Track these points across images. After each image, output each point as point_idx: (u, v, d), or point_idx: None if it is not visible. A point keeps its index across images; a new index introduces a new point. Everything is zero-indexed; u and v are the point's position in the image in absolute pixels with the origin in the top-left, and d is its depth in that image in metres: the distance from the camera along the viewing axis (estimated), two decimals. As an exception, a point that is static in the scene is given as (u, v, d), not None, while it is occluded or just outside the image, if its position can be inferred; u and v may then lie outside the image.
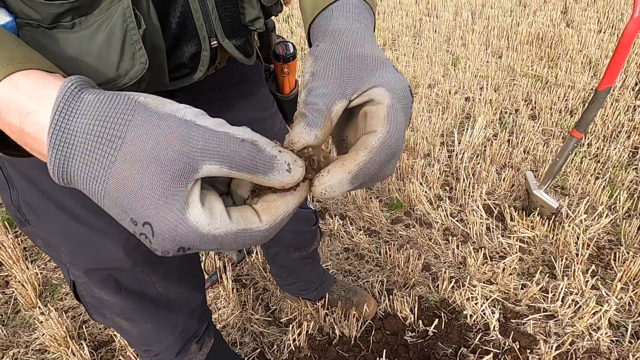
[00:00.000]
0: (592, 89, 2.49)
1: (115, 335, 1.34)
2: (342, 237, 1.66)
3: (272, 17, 0.60)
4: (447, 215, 1.72)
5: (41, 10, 0.38)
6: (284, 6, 0.57)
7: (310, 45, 0.43)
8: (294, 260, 1.16)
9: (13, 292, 1.52)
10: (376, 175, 0.33)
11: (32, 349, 1.34)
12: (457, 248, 1.56)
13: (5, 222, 1.77)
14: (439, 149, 2.09)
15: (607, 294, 1.37)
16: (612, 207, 1.71)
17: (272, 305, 1.43)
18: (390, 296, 1.41)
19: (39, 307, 1.42)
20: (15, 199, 0.58)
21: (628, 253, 1.50)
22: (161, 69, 0.46)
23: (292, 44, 0.65)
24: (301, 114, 0.34)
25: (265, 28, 0.59)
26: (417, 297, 1.40)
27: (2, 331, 1.37)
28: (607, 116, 2.22)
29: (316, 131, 0.33)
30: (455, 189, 1.85)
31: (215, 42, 0.50)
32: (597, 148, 2.02)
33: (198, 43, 0.50)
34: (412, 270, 1.49)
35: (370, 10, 0.42)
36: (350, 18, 0.39)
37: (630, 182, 1.80)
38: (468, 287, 1.42)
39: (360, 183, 0.33)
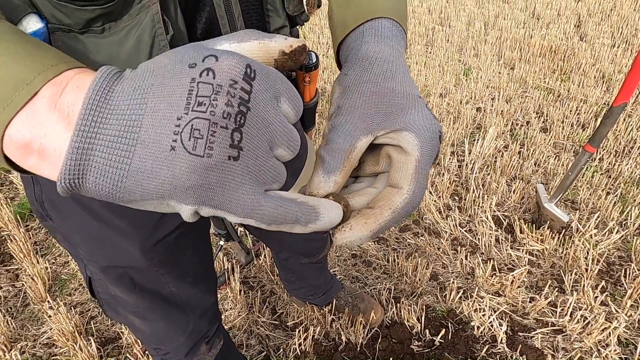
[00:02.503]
0: (605, 103, 2.48)
1: (122, 332, 1.35)
2: (350, 243, 1.66)
3: (297, 27, 0.61)
4: (456, 225, 1.71)
5: (73, 16, 0.38)
6: (309, 16, 0.57)
7: (339, 65, 0.43)
8: (303, 265, 1.16)
9: (23, 285, 1.54)
10: (392, 227, 0.34)
11: (40, 343, 1.35)
12: (466, 258, 1.56)
13: (17, 216, 1.79)
14: (449, 159, 2.08)
15: (616, 311, 1.36)
16: (623, 223, 1.70)
17: (279, 309, 1.43)
18: (398, 304, 1.40)
19: (48, 302, 1.44)
20: (39, 194, 0.59)
21: (638, 270, 1.49)
22: None
23: (315, 53, 0.66)
24: (321, 157, 0.33)
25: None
26: (424, 306, 1.40)
27: (11, 324, 1.38)
28: (619, 132, 2.21)
29: (335, 177, 0.33)
30: (465, 199, 1.84)
31: None
32: (609, 163, 2.01)
33: None
34: (419, 279, 1.49)
35: (402, 31, 0.41)
36: (382, 43, 0.38)
37: (642, 198, 1.79)
38: (476, 298, 1.42)
39: (375, 237, 0.33)
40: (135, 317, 0.73)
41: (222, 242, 1.44)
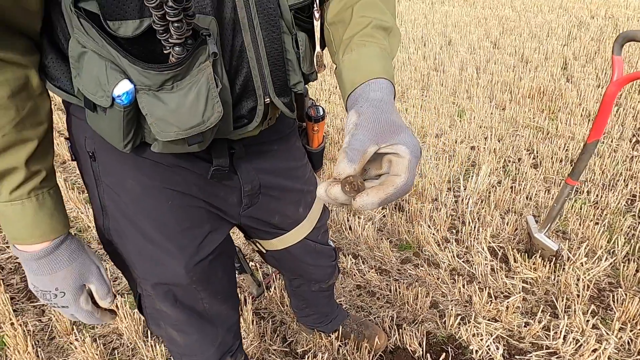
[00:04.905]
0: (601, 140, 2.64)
1: (143, 361, 1.44)
2: (354, 275, 1.77)
3: (309, 82, 0.77)
4: (454, 256, 1.82)
5: (153, 79, 0.53)
6: (318, 74, 0.73)
7: (346, 107, 0.59)
8: (314, 292, 1.27)
9: (49, 320, 1.65)
10: (393, 200, 0.48)
11: (66, 373, 1.44)
12: (463, 287, 1.66)
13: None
14: (446, 194, 2.22)
15: (606, 333, 1.45)
16: (611, 251, 1.80)
17: (289, 337, 1.53)
18: (400, 330, 1.49)
19: (75, 334, 1.54)
20: (107, 225, 0.73)
21: (626, 295, 1.58)
22: (228, 117, 0.62)
23: (322, 107, 0.82)
24: (344, 152, 0.48)
25: (300, 95, 0.75)
26: (425, 332, 1.49)
27: (40, 354, 1.48)
28: (605, 166, 2.35)
29: (355, 165, 0.47)
30: (462, 232, 1.96)
31: (268, 99, 0.66)
32: (596, 195, 2.13)
33: (255, 100, 0.65)
34: (420, 307, 1.59)
35: (391, 85, 0.58)
36: (383, 92, 0.55)
37: (628, 227, 1.90)
38: (474, 323, 1.51)
39: (382, 204, 0.48)
40: (173, 330, 0.85)
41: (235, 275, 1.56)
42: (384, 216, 2.11)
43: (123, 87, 0.52)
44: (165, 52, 0.52)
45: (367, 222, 2.03)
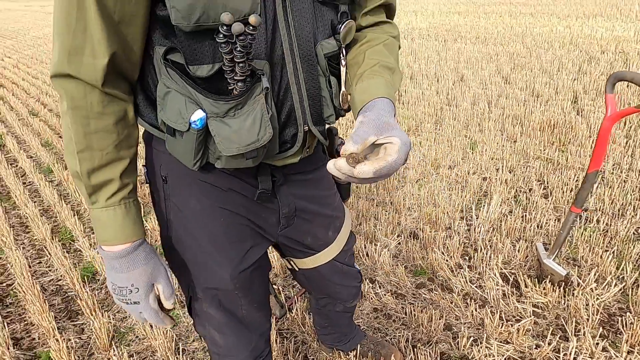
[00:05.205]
0: (600, 170, 2.72)
1: (175, 376, 1.56)
2: (371, 299, 1.87)
3: (335, 125, 0.93)
4: (467, 282, 1.91)
5: (220, 108, 0.69)
6: (345, 111, 0.89)
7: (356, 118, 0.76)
8: (338, 312, 1.38)
9: (88, 337, 1.78)
10: (385, 175, 0.63)
11: (105, 386, 1.56)
12: (476, 310, 1.74)
13: (84, 278, 2.09)
14: (459, 223, 2.32)
15: (615, 355, 1.50)
16: (621, 277, 1.86)
17: (310, 356, 1.62)
18: (415, 350, 1.58)
19: (113, 349, 1.67)
20: (169, 235, 0.89)
21: (635, 319, 1.63)
22: (275, 140, 0.78)
23: None
24: (350, 137, 0.65)
25: (330, 132, 0.92)
26: (439, 353, 1.57)
27: (82, 369, 1.61)
28: (615, 196, 2.42)
29: (358, 146, 0.63)
30: (474, 258, 2.05)
31: (307, 127, 0.82)
32: (606, 224, 2.20)
33: (296, 127, 0.81)
34: (434, 329, 1.67)
35: (393, 104, 0.75)
36: (384, 104, 0.72)
37: (637, 254, 1.96)
38: (486, 345, 1.58)
39: (375, 176, 0.62)
40: (216, 332, 0.98)
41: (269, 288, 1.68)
42: (399, 243, 2.22)
43: (198, 115, 0.68)
44: (229, 87, 0.69)
45: (383, 249, 2.14)
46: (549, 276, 1.80)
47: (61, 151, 3.85)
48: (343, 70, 0.84)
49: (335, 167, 0.63)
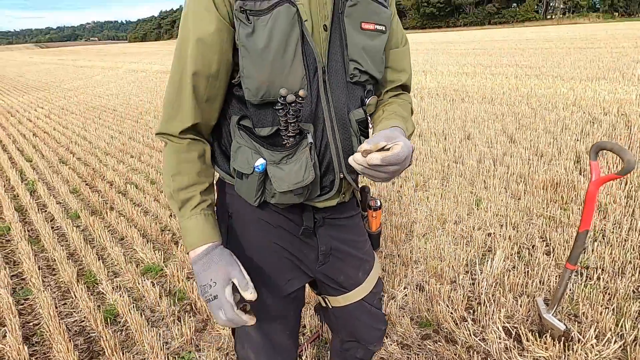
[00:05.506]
0: (601, 229, 2.83)
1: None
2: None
3: (367, 185, 1.11)
4: (470, 334, 1.99)
5: (276, 157, 0.90)
6: None
7: None
8: (357, 358, 1.47)
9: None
10: (392, 164, 0.78)
11: None
12: (479, 362, 1.81)
13: (106, 319, 2.21)
14: (463, 277, 2.42)
15: (614, 411, 1.55)
16: (620, 334, 1.93)
17: (318, 402, 1.70)
18: (419, 399, 1.64)
19: (133, 388, 1.76)
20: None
21: (634, 375, 1.69)
22: (316, 183, 0.97)
23: (380, 200, 1.16)
24: (366, 141, 0.81)
25: (363, 190, 1.12)
26: (442, 403, 1.63)
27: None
28: (615, 254, 2.51)
29: (371, 146, 0.78)
30: (478, 312, 2.13)
31: (342, 175, 1.00)
32: (606, 282, 2.28)
33: (334, 175, 0.99)
34: (438, 379, 1.74)
35: (404, 132, 0.93)
36: (397, 128, 0.91)
37: (636, 312, 2.03)
38: (488, 396, 1.64)
39: (383, 164, 0.77)
40: (251, 352, 1.12)
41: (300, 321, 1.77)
42: (406, 295, 2.32)
43: (260, 162, 0.90)
44: (283, 142, 0.90)
45: (390, 300, 2.24)
46: (549, 331, 1.87)
47: (87, 198, 4.08)
48: (370, 132, 1.05)
49: (353, 158, 0.81)
